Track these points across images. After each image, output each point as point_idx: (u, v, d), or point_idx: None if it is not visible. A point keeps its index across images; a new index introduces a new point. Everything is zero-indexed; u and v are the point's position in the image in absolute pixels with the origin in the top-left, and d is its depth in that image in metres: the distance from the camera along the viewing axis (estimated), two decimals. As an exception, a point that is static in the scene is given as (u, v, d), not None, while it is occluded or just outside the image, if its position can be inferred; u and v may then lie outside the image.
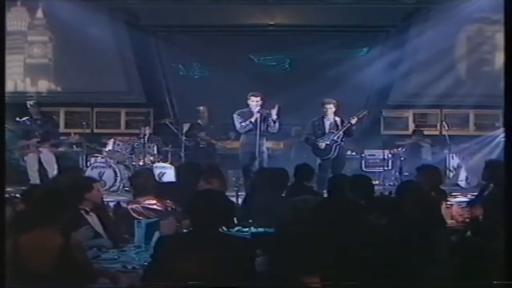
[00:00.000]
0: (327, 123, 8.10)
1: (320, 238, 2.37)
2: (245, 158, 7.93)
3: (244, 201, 5.41)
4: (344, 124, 8.04)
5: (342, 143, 8.03)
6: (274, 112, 7.81)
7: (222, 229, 3.34)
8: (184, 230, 3.89)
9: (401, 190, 4.61)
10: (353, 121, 7.99)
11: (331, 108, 8.06)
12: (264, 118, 7.86)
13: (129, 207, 4.57)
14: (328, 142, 7.96)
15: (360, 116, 8.18)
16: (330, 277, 2.32)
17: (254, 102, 7.90)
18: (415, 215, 3.56)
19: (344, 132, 8.02)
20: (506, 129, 2.83)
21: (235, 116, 8.02)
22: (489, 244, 3.27)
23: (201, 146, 9.31)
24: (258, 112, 7.82)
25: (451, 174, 9.85)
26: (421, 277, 3.07)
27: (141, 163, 9.31)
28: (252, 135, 7.81)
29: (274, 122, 7.87)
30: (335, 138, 7.98)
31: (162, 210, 4.55)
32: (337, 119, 8.11)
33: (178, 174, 5.98)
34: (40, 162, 8.79)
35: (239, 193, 6.20)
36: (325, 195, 5.40)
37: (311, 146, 8.08)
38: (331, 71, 10.50)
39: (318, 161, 7.97)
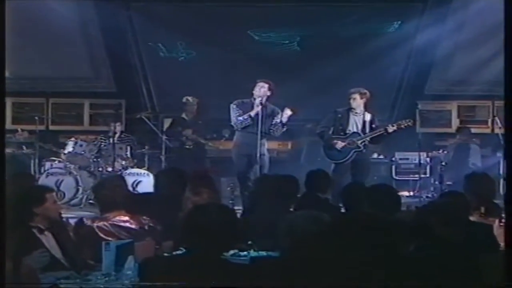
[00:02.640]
0: (352, 120, 8.07)
1: (337, 265, 2.39)
2: (243, 163, 7.94)
3: (241, 217, 5.42)
4: (375, 126, 8.01)
5: (364, 148, 8.00)
6: (285, 115, 7.80)
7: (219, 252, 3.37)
8: (166, 254, 3.91)
9: (441, 204, 4.63)
10: (390, 129, 7.89)
11: (360, 100, 8.00)
12: (268, 113, 7.89)
13: (95, 225, 4.59)
14: (348, 143, 7.95)
15: (402, 126, 7.97)
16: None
17: (260, 92, 7.90)
18: (459, 238, 3.57)
19: (371, 138, 7.99)
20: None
21: (232, 107, 8.02)
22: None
23: (186, 147, 9.33)
24: (260, 104, 7.84)
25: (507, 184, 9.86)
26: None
27: (109, 169, 9.34)
28: (251, 133, 7.82)
29: (283, 125, 7.88)
30: (359, 142, 7.96)
31: (137, 229, 4.57)
32: (368, 115, 8.05)
33: (157, 183, 5.99)
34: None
35: (235, 207, 6.22)
36: (345, 210, 5.42)
37: (325, 144, 8.06)
38: (352, 52, 10.54)
39: (334, 166, 7.98)
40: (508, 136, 3.34)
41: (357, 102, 8.00)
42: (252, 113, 7.85)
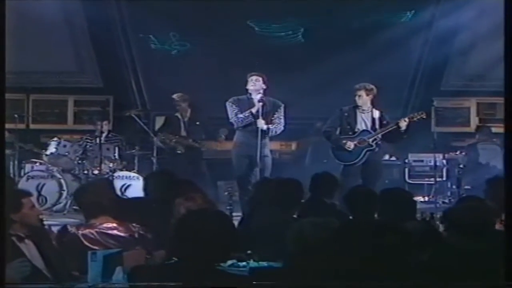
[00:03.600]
0: (360, 117, 8.10)
1: (345, 276, 2.39)
2: (242, 165, 7.97)
3: (240, 224, 5.44)
4: (385, 123, 8.04)
5: (376, 147, 8.03)
6: (279, 111, 7.86)
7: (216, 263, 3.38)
8: (157, 264, 3.91)
9: (459, 211, 4.63)
10: (402, 124, 7.91)
11: (366, 96, 8.03)
12: (269, 109, 7.92)
13: (80, 232, 4.59)
14: (358, 142, 7.97)
15: (415, 119, 8.05)
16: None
17: (255, 86, 7.94)
18: (477, 248, 3.57)
19: (383, 136, 8.01)
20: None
21: (228, 105, 8.06)
22: None
23: (180, 147, 9.32)
24: (261, 100, 7.85)
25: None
26: None
27: (96, 171, 9.35)
28: (252, 132, 7.85)
29: (278, 119, 7.92)
30: (370, 140, 7.98)
31: (126, 237, 4.57)
32: (376, 112, 8.10)
33: (148, 186, 6.00)
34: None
35: (234, 214, 6.23)
36: (353, 217, 5.43)
37: (334, 145, 8.08)
38: (361, 45, 10.56)
39: (343, 168, 8.00)
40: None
41: (363, 99, 8.03)
42: (254, 110, 7.88)
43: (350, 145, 7.93)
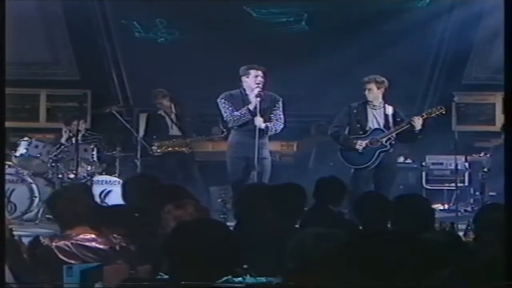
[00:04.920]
0: (371, 115, 8.13)
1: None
2: (237, 168, 7.99)
3: (235, 235, 5.44)
4: (399, 120, 8.06)
5: (391, 147, 8.05)
6: (278, 106, 7.90)
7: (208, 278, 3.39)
8: (142, 280, 3.92)
9: (482, 221, 4.65)
10: (417, 122, 7.91)
11: (377, 90, 8.06)
12: (267, 105, 7.95)
13: (54, 244, 4.59)
14: (370, 143, 7.98)
15: (433, 115, 8.09)
16: None
17: (253, 80, 7.96)
18: (503, 261, 3.59)
19: (398, 135, 8.04)
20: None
21: (220, 102, 8.09)
22: None
23: (168, 148, 9.33)
24: (258, 95, 7.87)
25: None
26: None
27: (72, 175, 9.34)
28: (249, 132, 7.88)
29: (278, 116, 7.95)
30: (383, 140, 8.00)
31: (106, 250, 4.57)
32: (389, 108, 8.13)
33: (131, 193, 6.00)
34: None
35: (228, 223, 6.23)
36: (363, 228, 5.44)
37: (342, 146, 8.11)
38: (372, 33, 10.56)
39: (353, 171, 8.02)
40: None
41: (374, 93, 8.06)
42: (251, 106, 7.91)
43: (361, 145, 7.95)
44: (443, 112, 8.18)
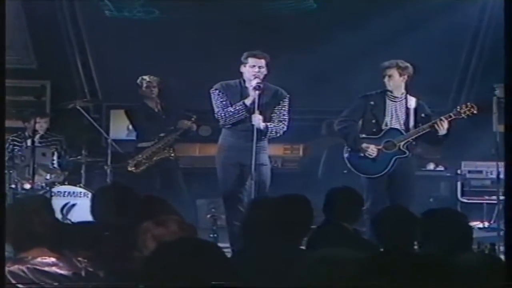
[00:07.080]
0: (390, 107, 8.18)
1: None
2: (230, 177, 8.03)
3: (227, 258, 5.44)
4: (424, 116, 8.10)
5: (409, 152, 8.09)
6: (282, 103, 7.94)
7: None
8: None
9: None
10: (442, 126, 7.91)
11: (399, 77, 8.09)
12: (268, 100, 7.99)
13: (6, 269, 4.61)
14: (384, 147, 8.02)
15: (463, 114, 8.04)
16: None
17: (250, 70, 7.96)
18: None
19: (421, 136, 8.10)
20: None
21: (214, 93, 8.10)
22: None
23: (147, 163, 9.34)
24: (258, 87, 7.88)
25: None
26: None
27: (27, 185, 9.36)
28: (244, 132, 7.92)
29: (281, 114, 8.00)
30: (401, 144, 8.02)
31: (69, 275, 4.58)
32: (412, 100, 8.15)
33: (99, 207, 6.02)
34: None
35: (220, 244, 6.24)
36: (384, 249, 5.45)
37: (350, 148, 8.17)
38: (393, 12, 10.58)
39: (367, 181, 8.06)
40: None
41: (395, 81, 8.08)
42: (248, 101, 7.90)
43: (373, 149, 8.01)
44: (475, 112, 8.12)
